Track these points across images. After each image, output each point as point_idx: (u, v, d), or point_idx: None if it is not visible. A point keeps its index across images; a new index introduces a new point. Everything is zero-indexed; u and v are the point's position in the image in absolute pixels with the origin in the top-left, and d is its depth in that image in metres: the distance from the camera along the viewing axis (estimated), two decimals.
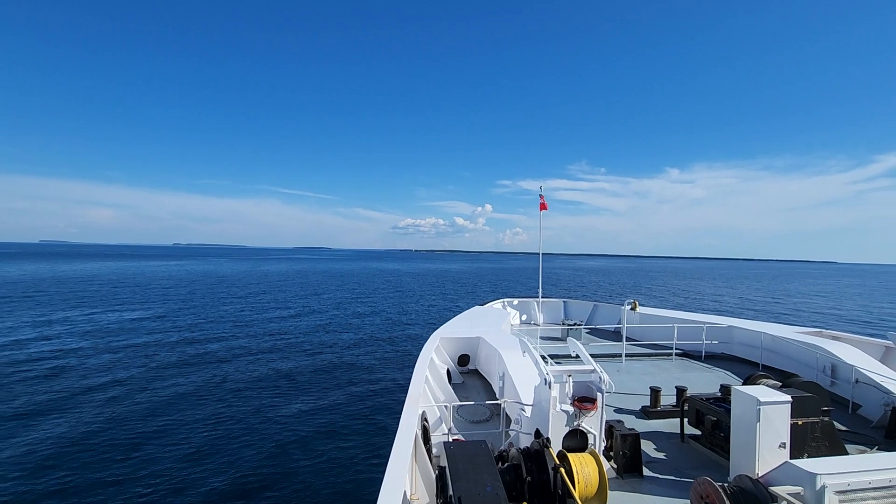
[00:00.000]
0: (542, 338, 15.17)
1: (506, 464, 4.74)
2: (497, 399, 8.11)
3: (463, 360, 11.33)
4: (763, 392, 5.34)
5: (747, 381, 7.33)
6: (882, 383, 8.34)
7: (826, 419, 6.12)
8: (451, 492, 3.87)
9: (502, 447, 5.79)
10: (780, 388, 6.27)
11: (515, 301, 19.83)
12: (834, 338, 11.31)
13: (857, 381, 8.77)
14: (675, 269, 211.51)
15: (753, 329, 12.58)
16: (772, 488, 3.99)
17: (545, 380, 5.69)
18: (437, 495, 4.43)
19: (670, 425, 7.89)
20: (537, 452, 4.63)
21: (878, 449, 6.78)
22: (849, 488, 3.81)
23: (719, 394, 7.22)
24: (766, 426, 5.12)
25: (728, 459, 5.74)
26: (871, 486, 3.85)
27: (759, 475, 4.60)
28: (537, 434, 5.50)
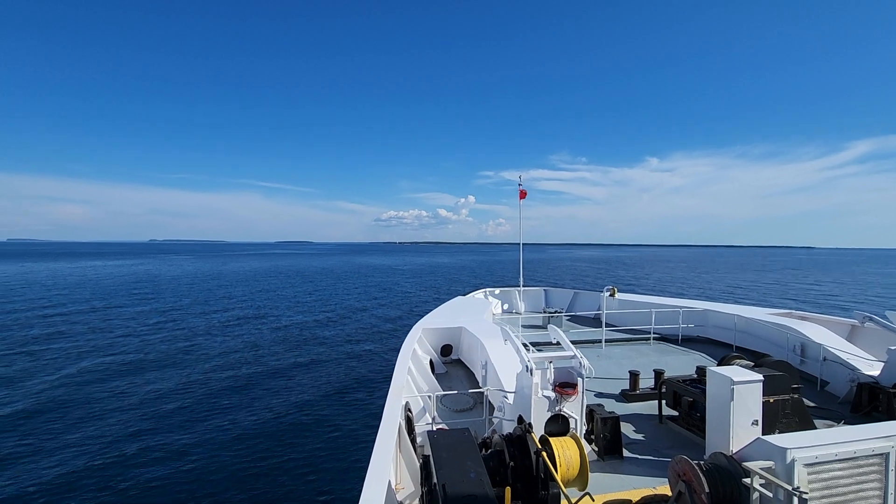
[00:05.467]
0: (523, 326, 15.29)
1: (489, 450, 4.79)
2: (480, 387, 8.17)
3: (446, 350, 11.35)
4: (736, 372, 5.50)
5: (722, 362, 7.53)
6: (848, 360, 8.67)
7: (796, 396, 6.34)
8: (435, 479, 3.90)
9: (486, 434, 5.85)
10: (752, 368, 6.47)
11: (497, 290, 19.93)
12: (803, 318, 11.69)
13: (825, 360, 9.09)
14: (656, 257, 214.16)
15: (727, 312, 12.89)
16: (745, 463, 4.12)
17: (527, 367, 5.76)
18: (421, 484, 4.46)
19: (649, 407, 8.08)
20: (520, 438, 4.69)
21: (844, 423, 7.06)
22: (816, 461, 3.96)
23: (695, 375, 7.41)
24: (739, 404, 5.28)
25: (704, 438, 5.91)
26: (836, 458, 4.01)
27: (734, 452, 4.75)
28: (520, 420, 5.57)
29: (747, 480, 4.00)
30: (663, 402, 7.48)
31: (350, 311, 36.74)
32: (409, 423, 5.95)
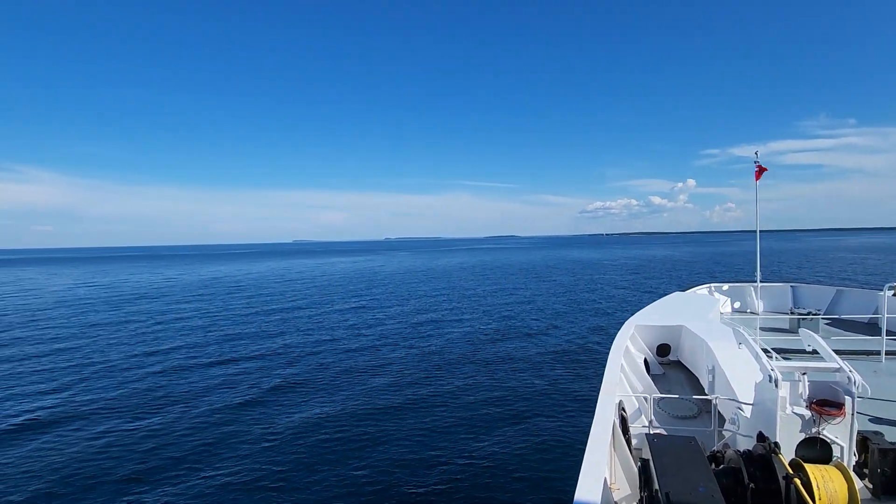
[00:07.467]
0: (762, 329, 13.00)
1: (720, 465, 4.28)
2: (706, 395, 7.33)
3: (662, 349, 10.49)
4: None
5: None
6: None
7: None
8: (656, 486, 3.68)
9: (715, 447, 5.23)
10: None
11: (725, 286, 17.36)
12: None
13: None
14: None
15: None
16: None
17: (770, 376, 4.92)
18: (640, 488, 4.26)
19: None
20: (763, 457, 4.05)
21: None
22: None
23: None
24: None
25: None
26: None
27: None
28: (760, 437, 4.81)
29: None
30: None
31: (557, 305, 36.78)
32: (624, 422, 5.72)
